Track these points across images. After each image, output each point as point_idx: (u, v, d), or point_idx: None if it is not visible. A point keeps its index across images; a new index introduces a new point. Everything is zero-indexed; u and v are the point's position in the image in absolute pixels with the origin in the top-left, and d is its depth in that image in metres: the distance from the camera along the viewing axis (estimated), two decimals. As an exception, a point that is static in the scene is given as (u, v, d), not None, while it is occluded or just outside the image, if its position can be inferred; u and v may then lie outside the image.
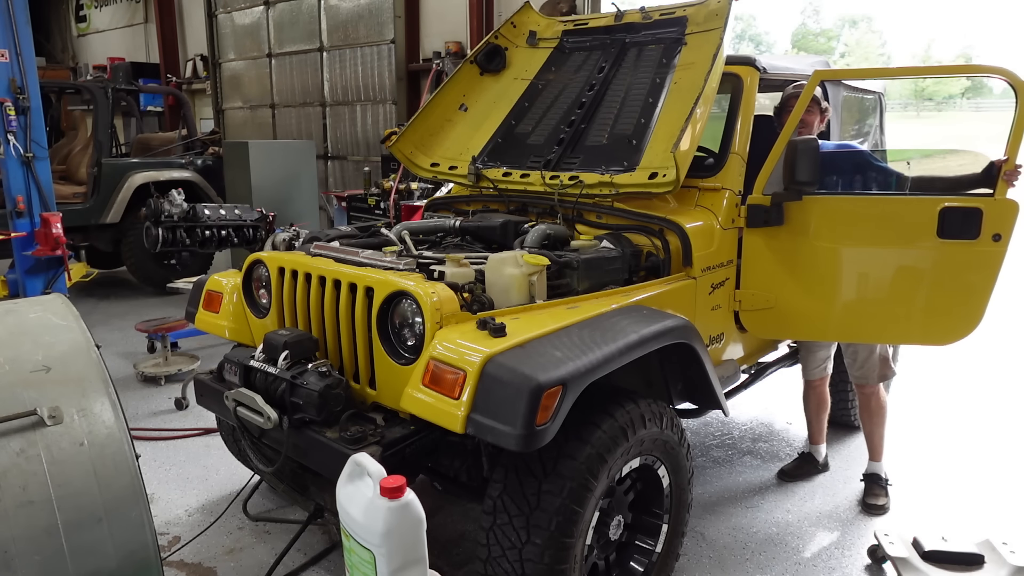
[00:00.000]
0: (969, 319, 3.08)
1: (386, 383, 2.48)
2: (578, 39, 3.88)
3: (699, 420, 4.50)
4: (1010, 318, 6.69)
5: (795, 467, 3.86)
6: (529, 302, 2.51)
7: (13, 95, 5.25)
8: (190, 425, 4.42)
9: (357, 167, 9.97)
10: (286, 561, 2.97)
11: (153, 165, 7.90)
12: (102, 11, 15.01)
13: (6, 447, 1.66)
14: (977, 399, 4.97)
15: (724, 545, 3.22)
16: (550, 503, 2.21)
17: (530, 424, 1.99)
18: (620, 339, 2.31)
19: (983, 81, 29.29)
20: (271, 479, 3.13)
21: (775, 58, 3.64)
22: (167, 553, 3.09)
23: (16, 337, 1.93)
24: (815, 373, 3.72)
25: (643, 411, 2.44)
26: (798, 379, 3.88)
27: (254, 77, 11.71)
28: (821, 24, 38.79)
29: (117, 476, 1.73)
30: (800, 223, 3.12)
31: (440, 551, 3.09)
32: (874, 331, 3.28)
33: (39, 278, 5.71)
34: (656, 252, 3.03)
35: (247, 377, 2.62)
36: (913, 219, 3.03)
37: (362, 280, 2.51)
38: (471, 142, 3.76)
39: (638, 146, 3.22)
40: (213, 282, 3.21)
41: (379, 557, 1.82)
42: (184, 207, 5.98)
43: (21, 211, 5.49)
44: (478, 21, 8.11)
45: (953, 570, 2.79)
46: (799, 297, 3.21)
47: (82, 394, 1.80)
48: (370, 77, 9.74)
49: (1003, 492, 3.70)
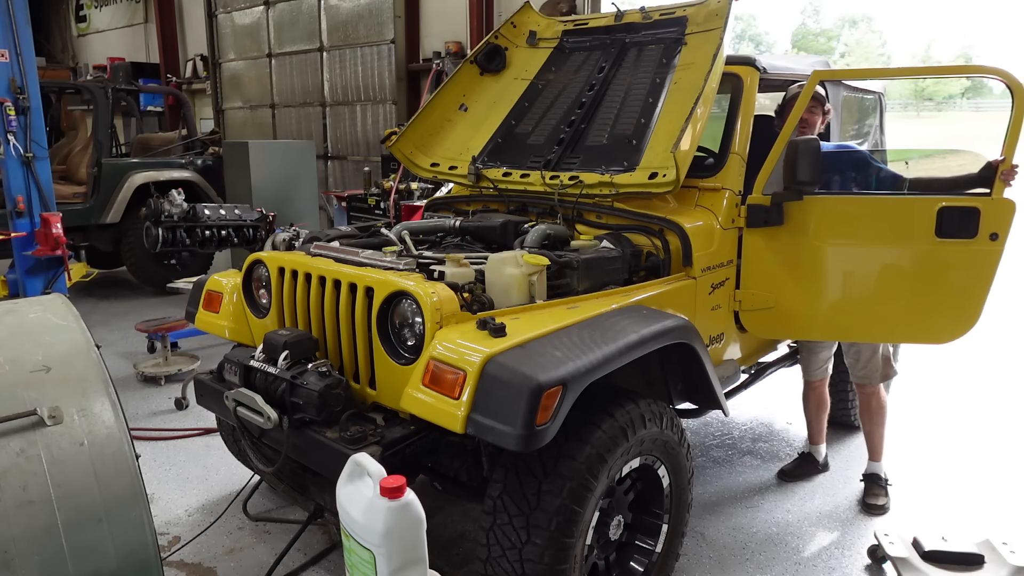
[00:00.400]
0: (967, 318, 3.09)
1: (386, 383, 2.48)
2: (578, 39, 3.88)
3: (699, 420, 4.50)
4: (1009, 318, 6.69)
5: (795, 467, 3.86)
6: (529, 302, 2.51)
7: (13, 95, 5.25)
8: (190, 425, 4.42)
9: (357, 167, 9.97)
10: (286, 561, 2.97)
11: (153, 165, 7.90)
12: (102, 11, 15.02)
13: (6, 447, 1.66)
14: (977, 399, 4.97)
15: (724, 545, 3.22)
16: (550, 503, 2.21)
17: (530, 424, 1.99)
18: (620, 339, 2.31)
19: (983, 81, 29.28)
20: (271, 479, 3.13)
21: (775, 58, 3.64)
22: (167, 553, 3.09)
23: (16, 337, 1.92)
24: (816, 374, 3.72)
25: (643, 411, 2.44)
26: (798, 379, 3.88)
27: (254, 77, 11.71)
28: (821, 24, 38.80)
29: (117, 476, 1.73)
30: (800, 223, 3.12)
31: (440, 551, 3.09)
32: (873, 330, 3.28)
33: (39, 278, 5.71)
34: (656, 252, 3.03)
35: (247, 377, 2.62)
36: (912, 219, 3.04)
37: (362, 280, 2.51)
38: (471, 142, 3.76)
39: (638, 146, 3.22)
40: (213, 282, 3.21)
41: (379, 557, 1.82)
42: (184, 207, 5.98)
43: (21, 211, 5.49)
44: (478, 21, 8.11)
45: (953, 570, 2.79)
46: (799, 297, 3.21)
47: (82, 394, 1.80)
48: (370, 77, 9.74)
49: (1003, 492, 3.70)
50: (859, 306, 3.19)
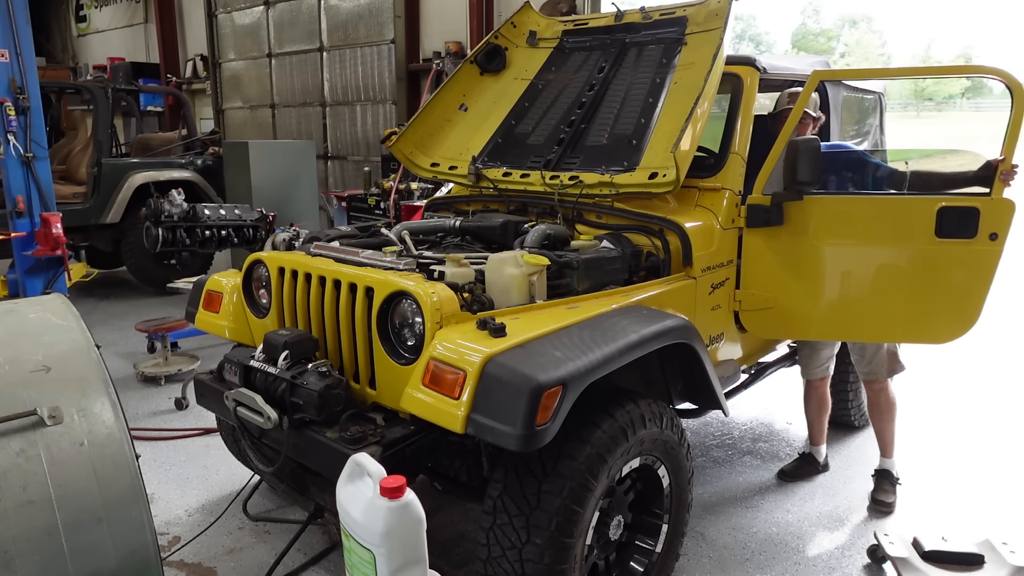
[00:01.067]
0: (966, 317, 3.09)
1: (386, 383, 2.48)
2: (578, 39, 3.88)
3: (699, 420, 4.50)
4: (1009, 318, 6.69)
5: (795, 467, 3.85)
6: (529, 302, 2.51)
7: (13, 95, 5.25)
8: (190, 425, 4.42)
9: (357, 167, 9.97)
10: (286, 561, 2.97)
11: (153, 165, 7.90)
12: (102, 11, 15.01)
13: (6, 447, 1.66)
14: (977, 399, 4.97)
15: (724, 545, 3.22)
16: (550, 503, 2.21)
17: (530, 424, 1.99)
18: (620, 339, 2.31)
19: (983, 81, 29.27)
20: (271, 479, 3.12)
21: (775, 58, 3.64)
22: (167, 553, 3.09)
23: (16, 337, 1.92)
24: (817, 373, 3.71)
25: (643, 411, 2.44)
26: (798, 379, 3.88)
27: (254, 77, 11.71)
28: (821, 24, 38.81)
29: (117, 476, 1.73)
30: (800, 223, 3.12)
31: (440, 551, 3.09)
32: (873, 330, 3.28)
33: (39, 278, 5.71)
34: (656, 252, 3.03)
35: (247, 377, 2.62)
36: (911, 219, 3.04)
37: (362, 280, 2.51)
38: (471, 142, 3.76)
39: (638, 146, 3.22)
40: (213, 282, 3.21)
41: (379, 557, 1.82)
42: (184, 207, 5.98)
43: (21, 211, 5.49)
44: (478, 21, 8.11)
45: (953, 570, 2.79)
46: (799, 297, 3.21)
47: (82, 394, 1.80)
48: (370, 77, 9.74)
49: (1003, 492, 3.70)
50: (859, 306, 3.19)
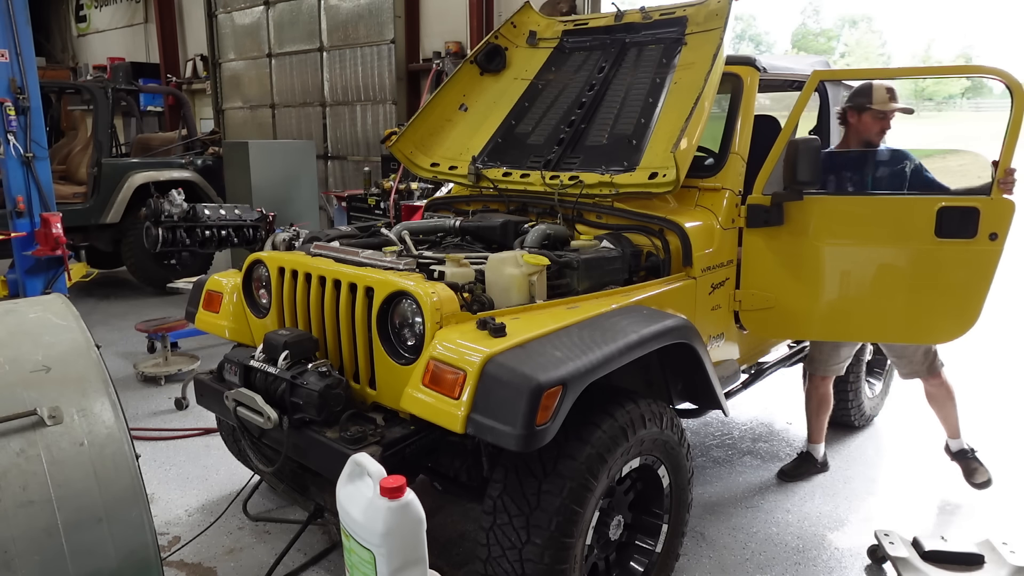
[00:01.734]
0: (966, 318, 3.09)
1: (386, 383, 2.48)
2: (578, 39, 3.88)
3: (699, 420, 4.50)
4: (1009, 318, 6.69)
5: (795, 467, 3.85)
6: (529, 302, 2.51)
7: (13, 95, 5.25)
8: (190, 425, 4.42)
9: (357, 167, 9.97)
10: (286, 561, 2.97)
11: (153, 165, 7.90)
12: (102, 11, 15.01)
13: (6, 447, 1.66)
14: (977, 399, 4.96)
15: (724, 545, 3.22)
16: (550, 503, 2.21)
17: (530, 424, 1.99)
18: (620, 339, 2.31)
19: (983, 81, 29.26)
20: (271, 479, 3.12)
21: (775, 58, 3.64)
22: (167, 553, 3.09)
23: (16, 337, 1.92)
24: (831, 370, 3.67)
25: (643, 411, 2.44)
26: (798, 379, 3.87)
27: (254, 77, 11.70)
28: (821, 24, 38.81)
29: (117, 476, 1.73)
30: (800, 223, 3.12)
31: (440, 551, 3.09)
32: (873, 330, 3.28)
33: (39, 278, 5.71)
34: (656, 252, 3.03)
35: (247, 377, 2.62)
36: (911, 219, 3.04)
37: (362, 280, 2.51)
38: (471, 142, 3.76)
39: (638, 146, 3.22)
40: (213, 282, 3.21)
41: (379, 557, 1.82)
42: (184, 207, 5.97)
43: (21, 211, 5.49)
44: (478, 21, 8.11)
45: (953, 570, 2.79)
46: (799, 296, 3.21)
47: (82, 394, 1.80)
48: (370, 77, 9.74)
49: (1003, 492, 3.70)
50: (859, 306, 3.19)
